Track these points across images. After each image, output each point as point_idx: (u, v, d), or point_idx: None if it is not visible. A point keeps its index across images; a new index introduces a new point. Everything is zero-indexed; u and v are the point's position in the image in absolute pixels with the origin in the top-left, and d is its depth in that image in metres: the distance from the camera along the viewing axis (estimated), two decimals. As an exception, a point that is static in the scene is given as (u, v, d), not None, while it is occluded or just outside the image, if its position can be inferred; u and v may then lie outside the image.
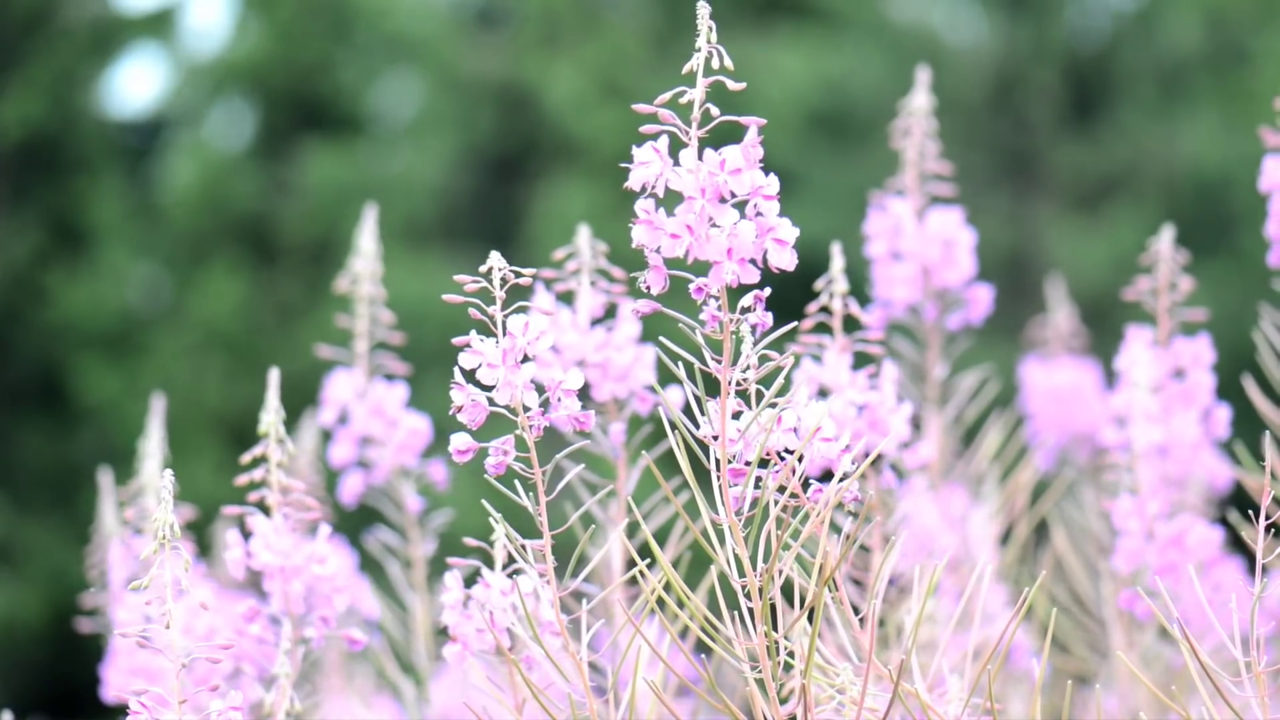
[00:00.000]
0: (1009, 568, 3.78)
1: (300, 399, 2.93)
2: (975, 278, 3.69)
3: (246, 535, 2.84)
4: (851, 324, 2.98)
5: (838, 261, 2.94)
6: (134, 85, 13.57)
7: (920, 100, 3.69)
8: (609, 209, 10.63)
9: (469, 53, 12.32)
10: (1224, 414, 3.47)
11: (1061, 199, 12.10)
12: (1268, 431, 2.79)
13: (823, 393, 2.97)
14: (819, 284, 2.95)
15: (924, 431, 3.73)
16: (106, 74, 12.11)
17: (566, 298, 3.15)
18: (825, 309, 2.96)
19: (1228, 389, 3.52)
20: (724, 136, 2.36)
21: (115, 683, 3.55)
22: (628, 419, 3.13)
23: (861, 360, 2.99)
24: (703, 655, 2.76)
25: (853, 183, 11.37)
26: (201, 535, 4.22)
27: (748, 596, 2.42)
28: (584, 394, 3.10)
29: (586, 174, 11.62)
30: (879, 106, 11.70)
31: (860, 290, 3.07)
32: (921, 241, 3.66)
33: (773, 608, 2.43)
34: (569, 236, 3.19)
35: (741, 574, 2.42)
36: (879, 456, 2.98)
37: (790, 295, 2.79)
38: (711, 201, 2.34)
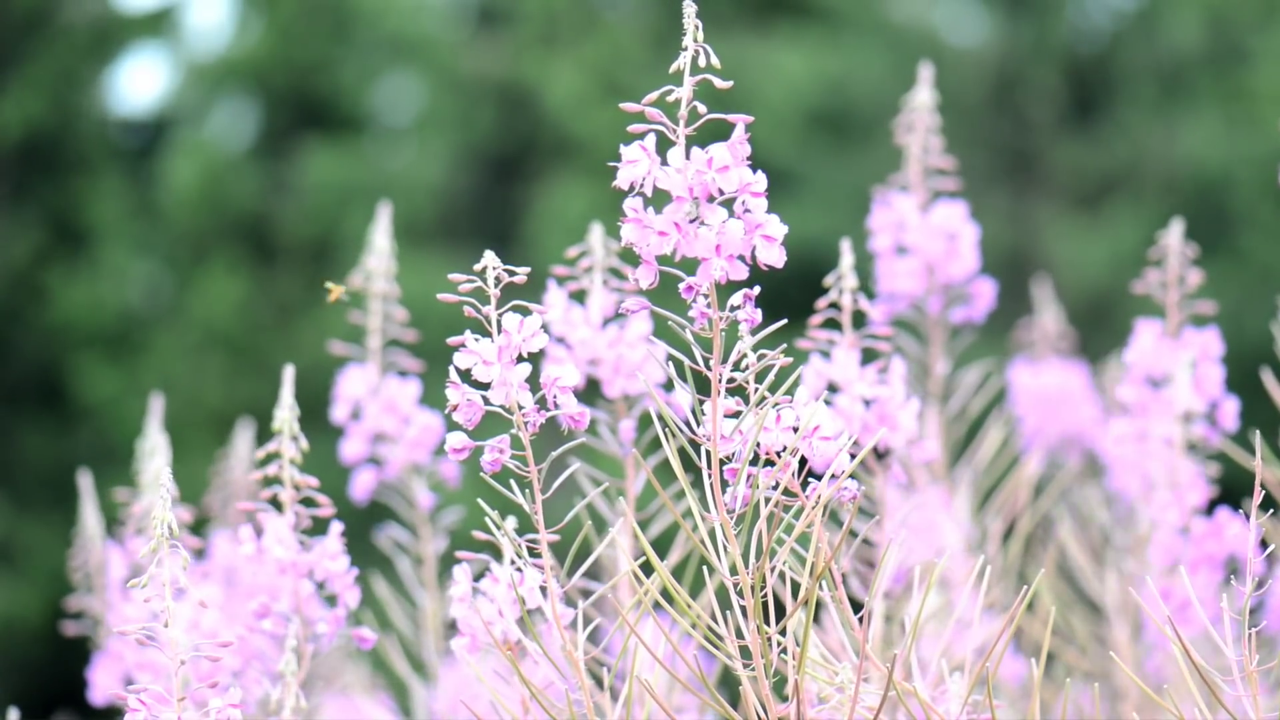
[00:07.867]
0: (1011, 564, 3.78)
1: (301, 398, 2.93)
2: (978, 273, 3.69)
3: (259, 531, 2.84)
4: (860, 320, 2.98)
5: (847, 258, 2.94)
6: (134, 85, 13.57)
7: (923, 96, 3.70)
8: (609, 208, 10.61)
9: (469, 52, 12.32)
10: (1232, 406, 3.46)
11: (1062, 198, 12.10)
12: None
13: (832, 388, 2.97)
14: (828, 280, 2.95)
15: (926, 427, 3.73)
16: (107, 73, 12.11)
17: (579, 296, 3.15)
18: (834, 305, 2.96)
19: (1229, 387, 3.51)
20: (715, 135, 2.36)
21: (103, 684, 3.55)
22: (638, 417, 3.13)
23: (869, 356, 2.99)
24: (706, 654, 2.76)
25: (853, 182, 11.36)
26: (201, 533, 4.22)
27: (741, 594, 2.42)
28: (595, 391, 3.11)
29: (586, 173, 11.62)
30: (879, 105, 11.70)
31: (863, 287, 3.07)
32: (925, 235, 3.66)
33: (774, 605, 2.43)
34: (569, 236, 3.18)
35: (734, 572, 2.42)
36: (888, 452, 2.98)
37: (791, 294, 2.79)
38: (700, 199, 2.33)
